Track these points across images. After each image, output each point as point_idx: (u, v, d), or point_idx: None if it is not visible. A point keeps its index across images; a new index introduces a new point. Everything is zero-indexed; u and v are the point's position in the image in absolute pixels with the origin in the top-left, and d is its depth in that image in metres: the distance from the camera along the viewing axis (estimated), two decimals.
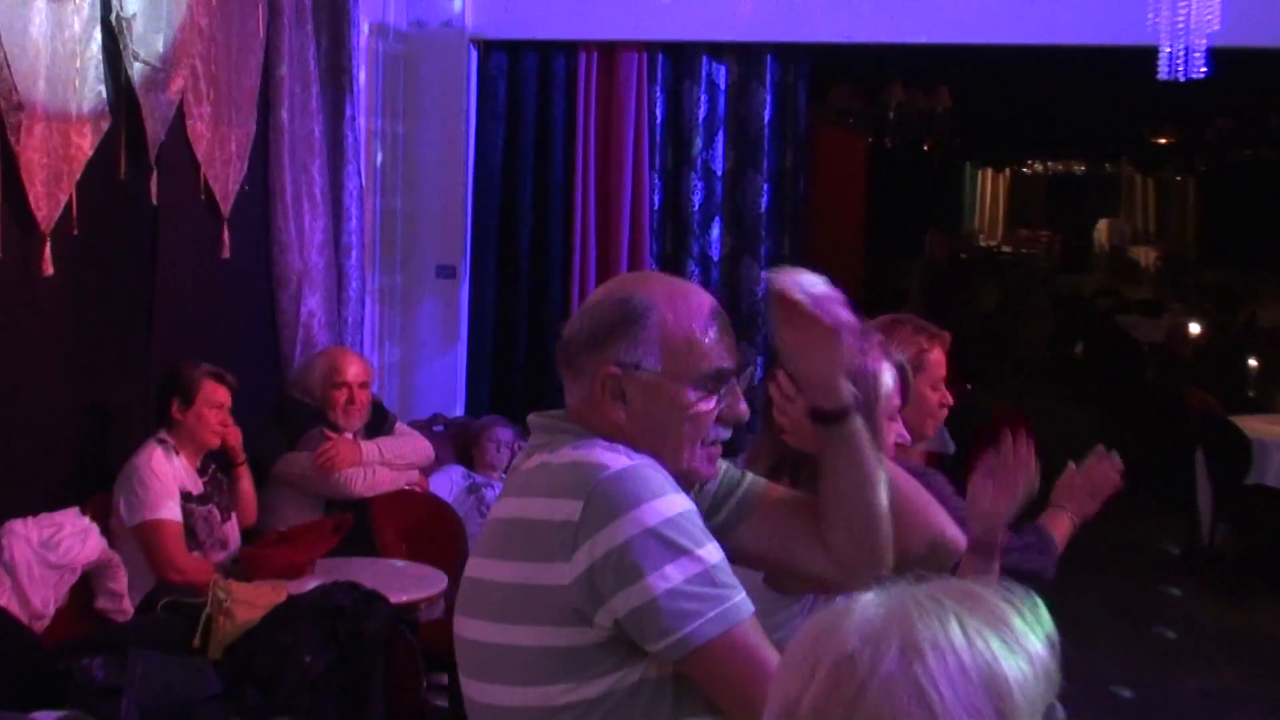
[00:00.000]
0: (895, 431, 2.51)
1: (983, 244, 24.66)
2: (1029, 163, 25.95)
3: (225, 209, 5.04)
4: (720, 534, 1.84)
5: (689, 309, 1.88)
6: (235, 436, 4.65)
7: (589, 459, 1.78)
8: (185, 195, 4.83)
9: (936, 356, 3.18)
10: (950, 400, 3.12)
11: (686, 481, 1.89)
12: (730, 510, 2.00)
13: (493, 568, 1.83)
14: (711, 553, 1.74)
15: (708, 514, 1.93)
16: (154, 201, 4.52)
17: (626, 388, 1.85)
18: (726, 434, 1.91)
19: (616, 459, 1.77)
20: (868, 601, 1.04)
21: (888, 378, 2.44)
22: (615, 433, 1.85)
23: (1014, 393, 12.39)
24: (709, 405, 1.87)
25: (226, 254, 5.07)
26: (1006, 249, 24.00)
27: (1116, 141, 19.42)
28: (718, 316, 1.90)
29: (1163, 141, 17.10)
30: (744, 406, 1.92)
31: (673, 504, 1.74)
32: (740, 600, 1.73)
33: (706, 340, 1.87)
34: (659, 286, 1.91)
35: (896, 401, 2.51)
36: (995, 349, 13.27)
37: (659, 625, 1.70)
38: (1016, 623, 1.04)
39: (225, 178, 5.03)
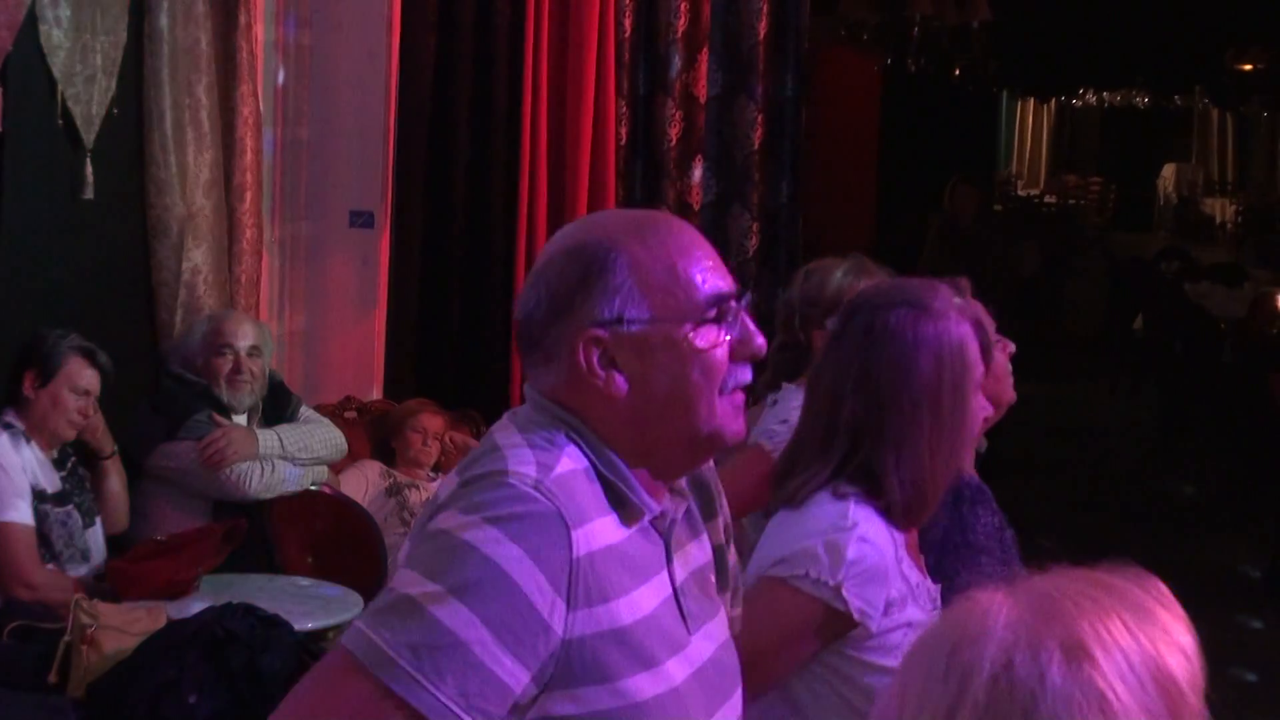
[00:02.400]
0: (980, 405, 2.55)
1: (1021, 193, 24.77)
2: (1080, 93, 26.06)
3: (88, 138, 5.02)
4: None
5: (658, 235, 1.89)
6: (96, 425, 4.65)
7: (508, 454, 1.83)
8: (37, 120, 4.80)
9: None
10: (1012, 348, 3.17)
11: (711, 445, 1.91)
12: None
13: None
14: (466, 625, 1.70)
15: None
16: None
17: (617, 352, 1.86)
18: (747, 375, 1.93)
19: (528, 473, 1.79)
20: (1002, 602, 1.11)
21: (972, 344, 2.48)
22: (610, 414, 1.87)
23: (1058, 378, 12.49)
24: (714, 337, 1.88)
25: (89, 194, 5.04)
26: (1050, 199, 24.12)
27: (1189, 67, 19.52)
28: (694, 236, 1.92)
29: (1247, 68, 17.18)
30: (759, 338, 1.92)
31: (508, 556, 1.73)
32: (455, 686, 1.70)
33: (690, 264, 1.88)
34: (614, 221, 1.94)
35: (981, 369, 2.52)
36: (1036, 323, 13.36)
37: (370, 612, 1.77)
38: (1163, 615, 1.14)
39: (88, 99, 5.00)
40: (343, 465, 5.60)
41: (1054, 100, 26.72)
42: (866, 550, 2.38)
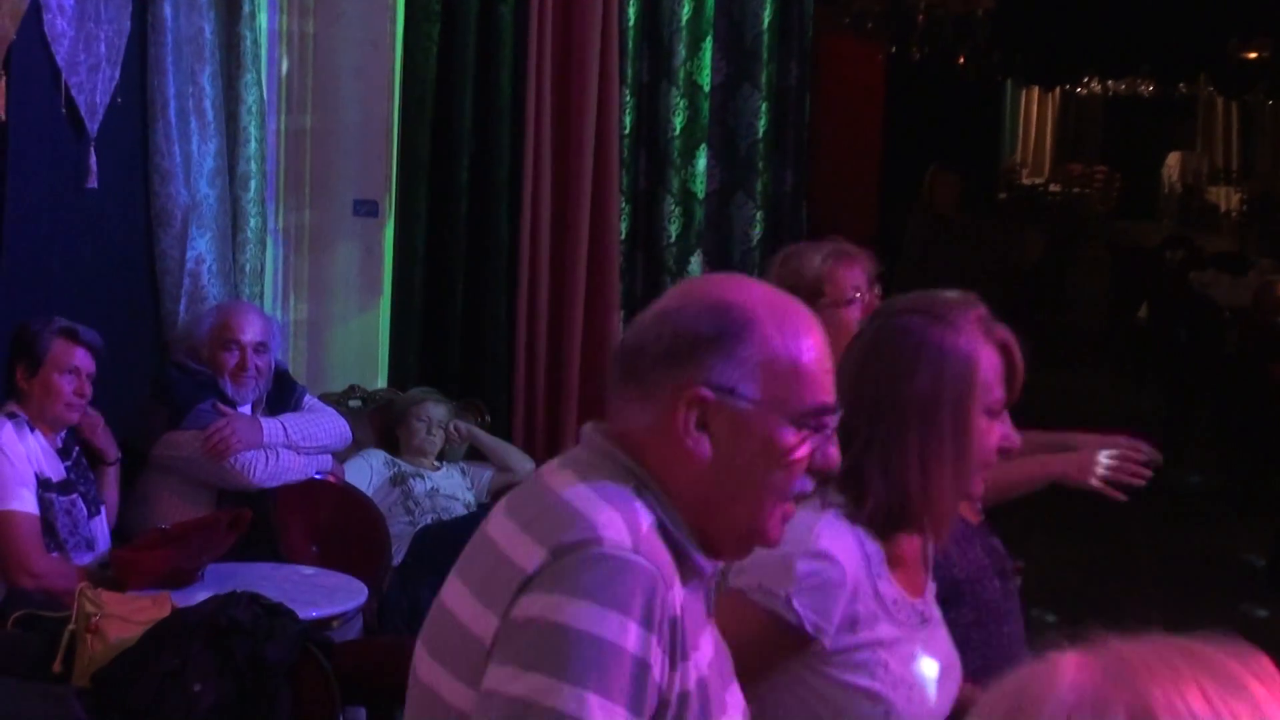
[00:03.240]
0: (999, 434, 2.43)
1: (1025, 182, 24.76)
2: (1084, 81, 26.01)
3: (92, 127, 5.01)
4: None
5: (795, 326, 1.87)
6: (96, 424, 4.65)
7: (594, 518, 1.77)
8: (41, 109, 4.80)
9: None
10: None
11: (752, 543, 1.90)
12: None
13: (456, 593, 1.85)
14: (606, 716, 1.67)
15: None
16: (1, 116, 4.49)
17: (712, 419, 1.84)
18: (808, 486, 1.91)
19: (622, 541, 1.75)
20: (1073, 662, 1.05)
21: (986, 363, 2.40)
22: (683, 474, 1.84)
23: (1062, 368, 12.48)
24: (806, 450, 1.86)
25: (93, 183, 5.04)
26: (1054, 188, 24.11)
27: (1193, 55, 19.48)
28: (823, 341, 1.90)
29: (1251, 56, 17.16)
30: (835, 451, 1.91)
31: (628, 635, 1.70)
32: None
33: (813, 367, 1.86)
34: (759, 295, 1.90)
35: (998, 395, 2.42)
36: (1039, 313, 13.35)
37: None
38: (1257, 689, 1.05)
39: (92, 88, 5.00)
40: (347, 454, 5.61)
41: (1058, 89, 26.67)
42: (822, 566, 2.33)
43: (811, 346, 1.87)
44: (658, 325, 1.86)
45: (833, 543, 2.35)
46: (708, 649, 1.87)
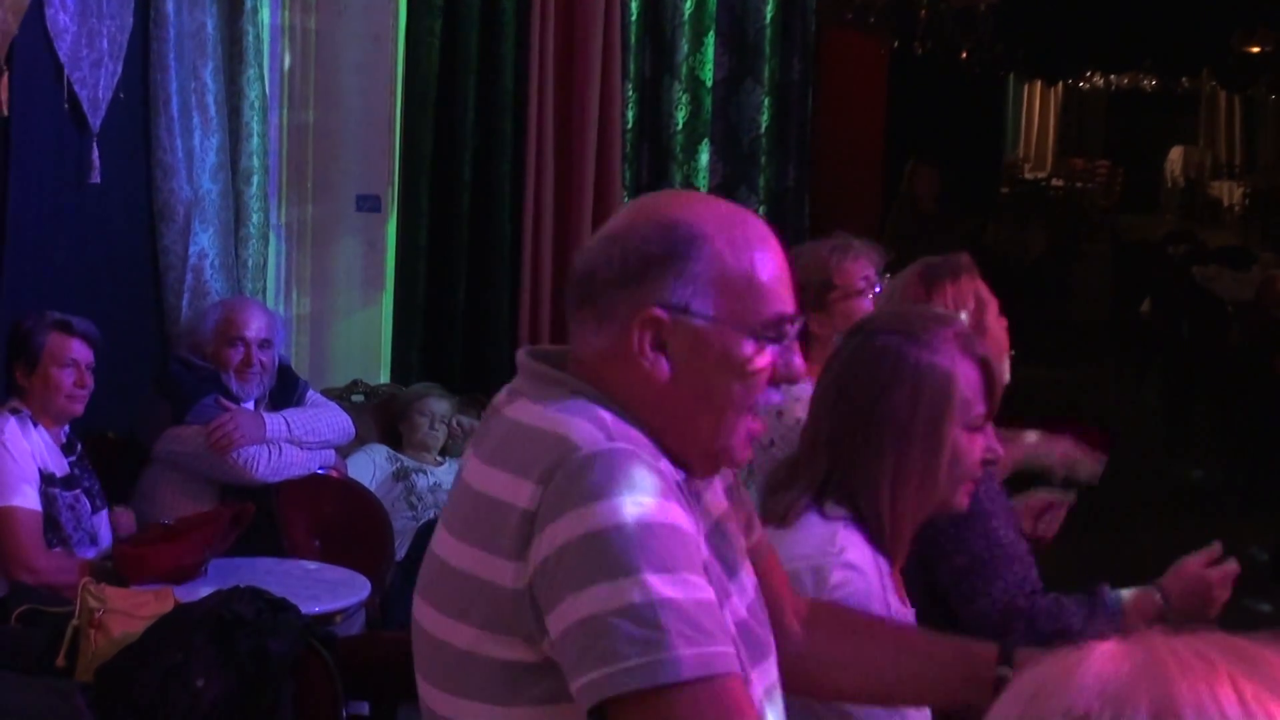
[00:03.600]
0: (982, 446, 2.45)
1: (1028, 176, 24.74)
2: (1087, 76, 26.01)
3: (95, 122, 5.02)
4: None
5: (747, 237, 1.85)
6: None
7: (563, 431, 1.76)
8: (44, 104, 4.80)
9: (995, 314, 3.26)
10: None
11: (717, 461, 1.90)
12: None
13: (451, 547, 1.84)
14: (670, 585, 1.67)
15: None
16: (4, 112, 4.49)
17: (669, 337, 1.82)
18: (775, 397, 1.91)
19: (595, 435, 1.75)
20: (1106, 652, 1.00)
21: (964, 380, 2.42)
22: (644, 395, 1.83)
23: (1064, 361, 12.48)
24: (766, 360, 1.85)
25: (96, 178, 5.05)
26: (1057, 182, 24.10)
27: (1196, 50, 19.47)
28: (776, 249, 1.88)
29: (1254, 50, 17.15)
30: (799, 360, 1.89)
31: (646, 508, 1.70)
32: (694, 655, 1.66)
33: (768, 277, 1.85)
34: (708, 210, 1.88)
35: (979, 410, 2.44)
36: (1042, 307, 13.34)
37: (574, 658, 1.68)
38: None
39: (95, 83, 5.00)
40: (350, 449, 5.61)
41: (1061, 83, 26.66)
42: (852, 576, 2.35)
43: (765, 258, 1.85)
44: (608, 248, 1.85)
45: (856, 554, 2.39)
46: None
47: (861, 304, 3.80)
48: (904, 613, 2.49)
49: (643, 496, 1.70)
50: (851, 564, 2.37)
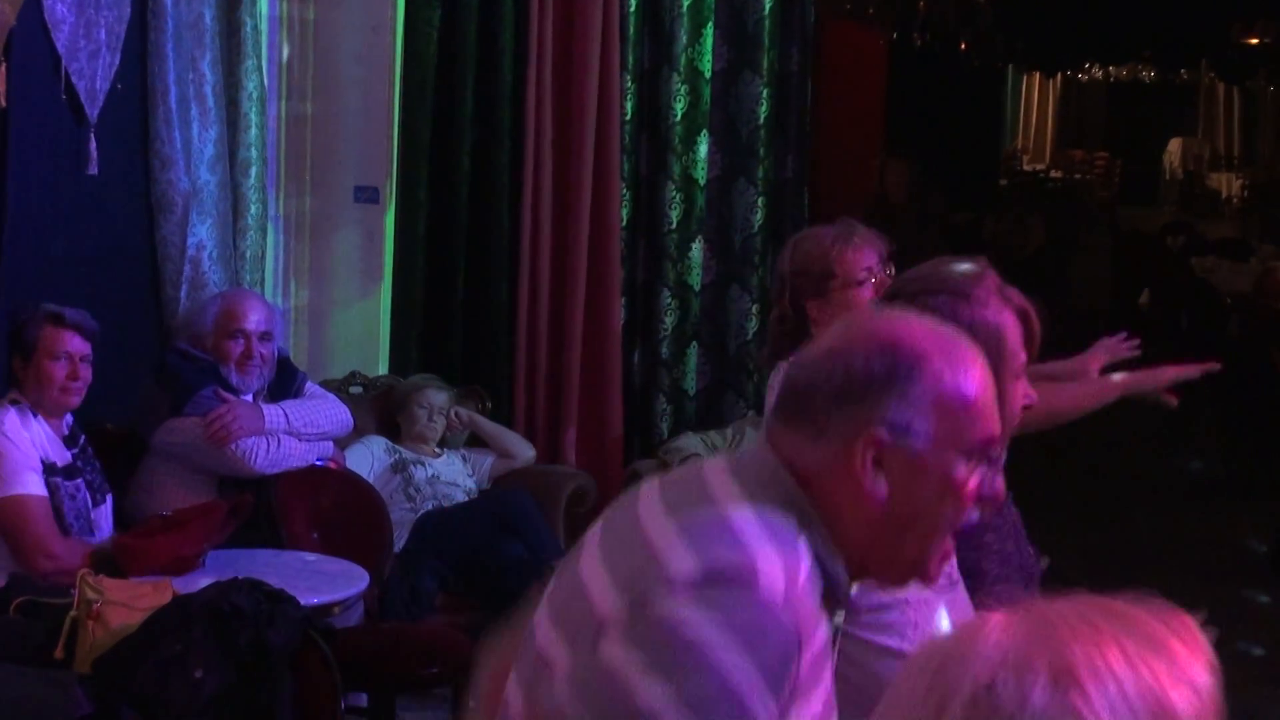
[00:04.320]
0: (1021, 393, 2.51)
1: (1027, 168, 24.75)
2: (1086, 67, 26.00)
3: (92, 113, 5.01)
4: None
5: (964, 364, 1.88)
6: None
7: (751, 546, 1.77)
8: (42, 95, 4.79)
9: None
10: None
11: (917, 576, 1.91)
12: None
13: (593, 570, 1.85)
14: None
15: None
16: (1, 103, 4.49)
17: (889, 458, 1.83)
18: (975, 516, 1.92)
19: (776, 580, 1.75)
20: (998, 624, 1.08)
21: (1012, 332, 2.47)
22: (856, 512, 1.84)
23: (1063, 353, 12.48)
24: (975, 482, 1.86)
25: (94, 169, 5.04)
26: (1056, 174, 24.11)
27: (1194, 41, 19.47)
28: (988, 374, 1.91)
29: (1253, 42, 17.14)
30: (1001, 481, 1.91)
31: (753, 691, 1.71)
32: None
33: (981, 400, 1.87)
34: (925, 332, 1.90)
35: (1023, 358, 2.50)
36: (1041, 298, 13.33)
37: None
38: (1178, 648, 1.08)
39: (92, 74, 4.99)
40: (348, 441, 5.61)
41: (1060, 74, 26.66)
42: None
43: (979, 379, 1.88)
44: (831, 364, 1.86)
45: None
46: (828, 678, 1.87)
47: (861, 294, 3.80)
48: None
49: (760, 679, 1.71)
50: None
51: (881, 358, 1.85)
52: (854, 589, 1.95)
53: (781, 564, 1.77)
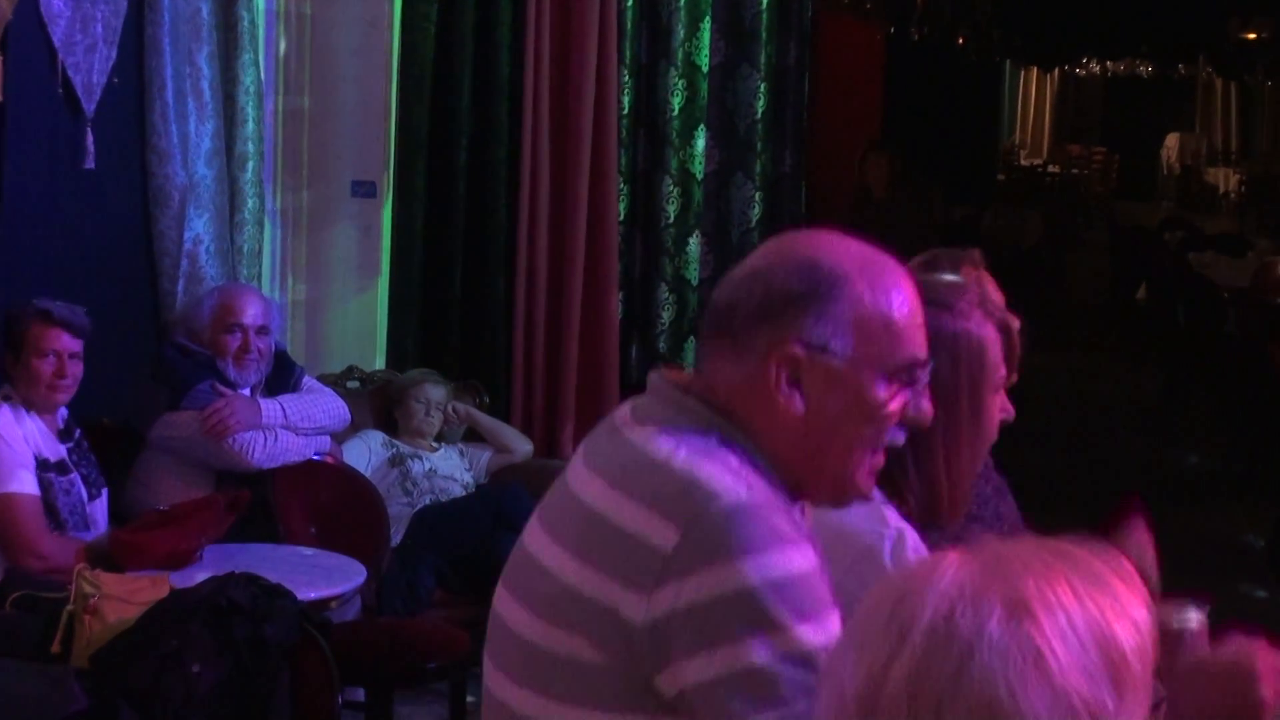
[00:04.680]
0: (999, 406, 2.47)
1: (1024, 163, 24.76)
2: (1083, 62, 26.01)
3: (89, 107, 5.00)
4: None
5: (886, 281, 1.89)
6: None
7: (701, 477, 1.80)
8: (38, 89, 4.79)
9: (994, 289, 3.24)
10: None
11: (843, 496, 1.94)
12: None
13: (561, 558, 1.86)
14: (817, 631, 1.75)
15: None
16: None
17: (805, 374, 1.86)
18: (900, 437, 1.93)
19: (735, 486, 1.79)
20: (953, 561, 1.17)
21: (994, 346, 2.44)
22: (774, 427, 1.86)
23: (1060, 347, 12.49)
24: (897, 403, 1.89)
25: (90, 163, 5.04)
26: (1054, 169, 24.12)
27: (1192, 36, 19.48)
28: (914, 296, 1.92)
29: (1250, 37, 17.15)
30: (928, 404, 1.95)
31: (790, 560, 1.77)
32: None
33: (904, 323, 1.88)
34: (849, 252, 1.91)
35: (1004, 372, 2.46)
36: (1038, 293, 13.35)
37: (738, 706, 1.73)
38: (1120, 586, 1.18)
39: (89, 68, 4.99)
40: (345, 435, 5.60)
41: (1057, 69, 26.67)
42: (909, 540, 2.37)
43: (903, 301, 1.89)
44: (751, 283, 1.88)
45: (910, 535, 2.38)
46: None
47: None
48: None
49: (783, 549, 1.76)
50: (904, 528, 2.37)
51: (802, 275, 1.87)
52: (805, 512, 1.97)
53: (721, 467, 1.82)
